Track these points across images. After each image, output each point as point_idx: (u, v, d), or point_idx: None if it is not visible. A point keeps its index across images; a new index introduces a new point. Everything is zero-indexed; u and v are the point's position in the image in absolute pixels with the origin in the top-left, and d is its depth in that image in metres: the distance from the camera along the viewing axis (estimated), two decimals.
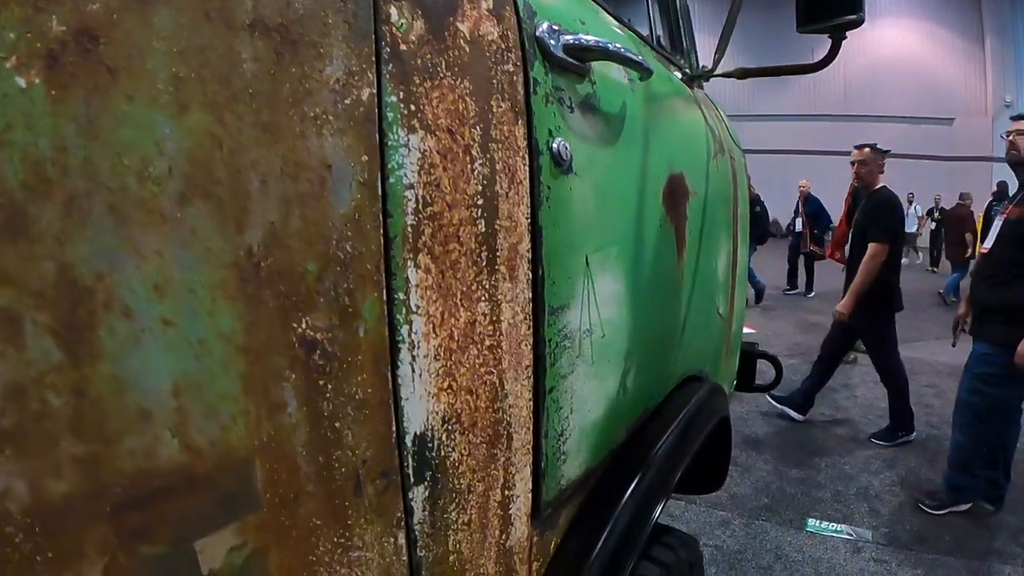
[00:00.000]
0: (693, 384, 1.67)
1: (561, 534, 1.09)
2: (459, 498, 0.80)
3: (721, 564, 3.43)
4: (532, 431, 0.93)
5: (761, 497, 4.17)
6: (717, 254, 1.82)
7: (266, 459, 0.55)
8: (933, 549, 3.57)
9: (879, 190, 4.97)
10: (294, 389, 0.57)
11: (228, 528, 0.53)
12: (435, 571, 0.78)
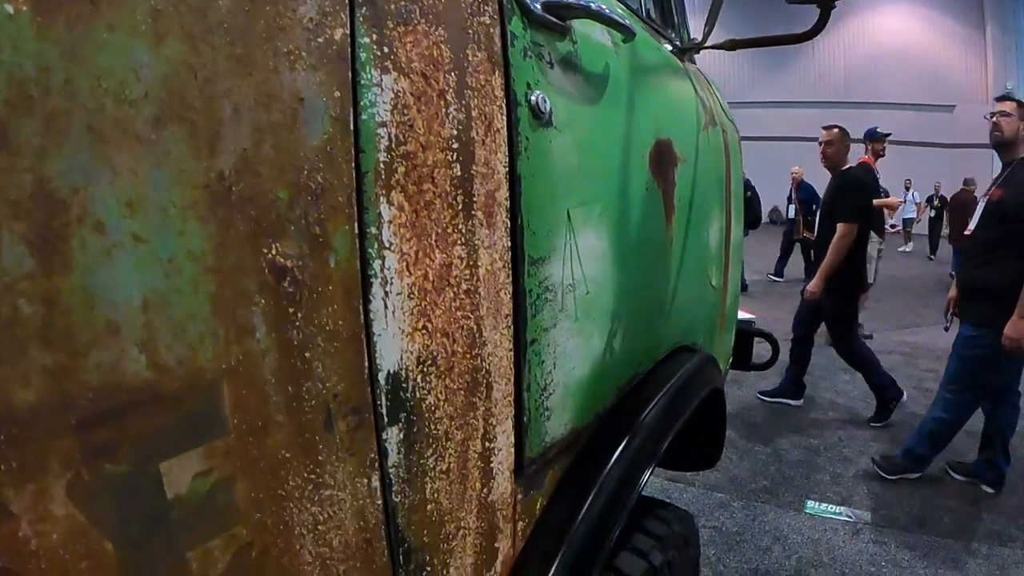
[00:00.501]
0: (685, 354, 1.66)
1: (547, 495, 1.09)
2: (436, 444, 0.79)
3: (720, 545, 3.42)
4: (513, 383, 0.93)
5: (760, 479, 4.16)
6: (709, 225, 1.81)
7: (233, 383, 0.55)
8: (932, 531, 3.56)
9: (846, 170, 4.99)
10: (263, 314, 0.57)
11: (194, 452, 0.53)
12: (412, 519, 0.77)
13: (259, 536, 0.59)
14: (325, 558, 0.66)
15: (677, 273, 1.53)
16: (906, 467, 4.14)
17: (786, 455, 4.51)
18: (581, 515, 1.08)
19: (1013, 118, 3.64)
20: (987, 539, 3.48)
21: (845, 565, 3.26)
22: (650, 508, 1.63)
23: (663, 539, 1.48)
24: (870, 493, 3.98)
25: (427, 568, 0.82)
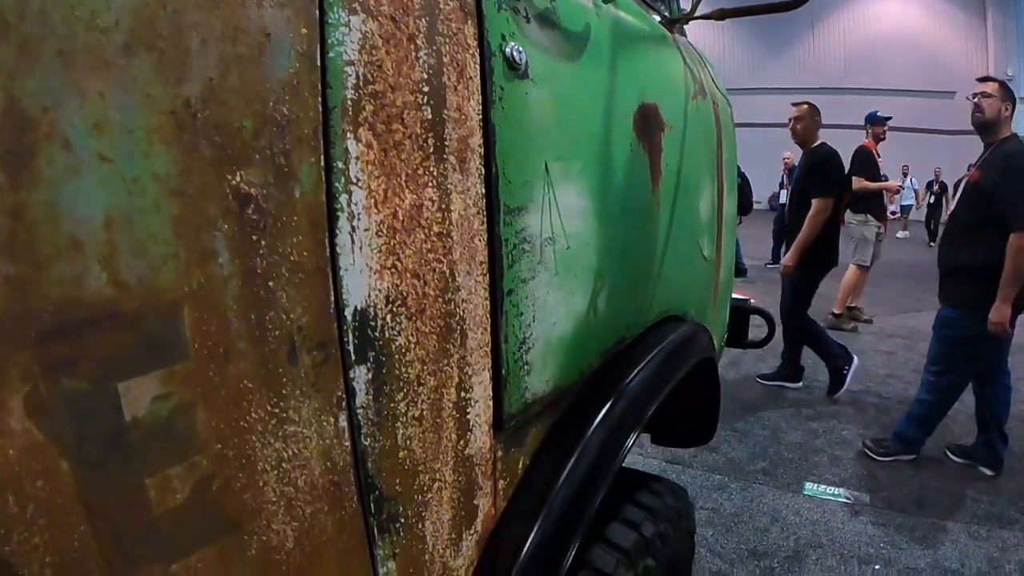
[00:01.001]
0: (675, 322, 1.66)
1: (529, 455, 1.09)
2: (408, 388, 0.79)
3: (718, 526, 3.40)
4: (490, 332, 0.93)
5: (758, 461, 4.14)
6: (699, 194, 1.81)
7: (195, 306, 0.55)
8: (932, 513, 3.54)
9: (818, 147, 4.98)
10: (225, 239, 0.57)
11: (153, 375, 0.53)
12: (383, 465, 0.77)
13: (220, 468, 0.58)
14: (291, 498, 0.66)
15: (665, 239, 1.53)
16: (897, 450, 4.13)
17: (785, 437, 4.49)
18: (563, 477, 1.08)
19: (995, 99, 3.63)
20: (987, 521, 3.46)
21: (843, 546, 3.24)
22: (642, 481, 1.63)
23: (655, 511, 1.48)
24: (869, 475, 3.96)
25: (400, 519, 0.81)
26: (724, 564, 3.10)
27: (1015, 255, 3.41)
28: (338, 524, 0.72)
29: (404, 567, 0.84)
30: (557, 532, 1.05)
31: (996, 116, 3.63)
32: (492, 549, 1.01)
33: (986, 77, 3.75)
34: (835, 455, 4.22)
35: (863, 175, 6.74)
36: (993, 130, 3.67)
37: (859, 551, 3.21)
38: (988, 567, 3.07)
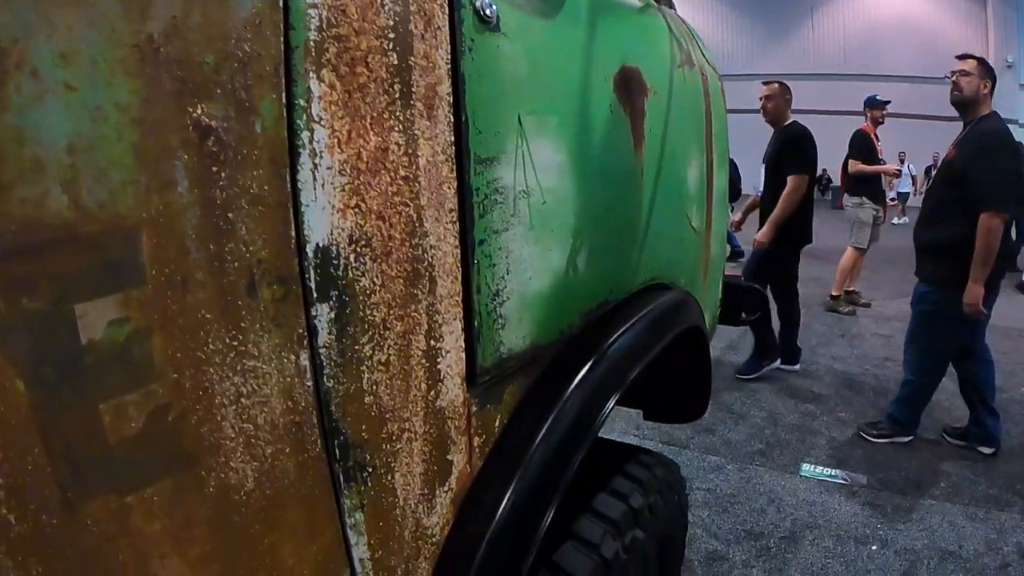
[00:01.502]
0: (663, 290, 1.64)
1: (507, 413, 1.08)
2: (373, 331, 0.79)
3: (714, 507, 3.39)
4: (461, 282, 0.93)
5: (755, 443, 4.13)
6: (686, 163, 1.80)
7: (153, 233, 0.56)
8: (929, 495, 3.53)
9: (789, 125, 5.01)
10: (186, 169, 0.58)
11: (110, 298, 0.53)
12: (348, 410, 0.77)
13: (176, 398, 0.58)
14: (250, 435, 0.65)
15: (650, 204, 1.52)
16: (892, 432, 4.12)
17: (782, 419, 4.48)
18: (540, 437, 1.07)
19: (974, 77, 3.60)
20: (984, 503, 3.45)
21: (840, 527, 3.23)
22: (631, 453, 1.62)
23: (644, 482, 1.47)
24: (866, 456, 3.95)
25: (368, 468, 0.81)
26: (720, 544, 3.08)
27: (985, 235, 3.41)
28: (301, 467, 0.72)
29: (373, 519, 0.83)
30: (534, 494, 1.05)
31: (975, 94, 3.60)
32: (468, 509, 1.00)
33: (965, 55, 3.72)
34: (832, 437, 4.21)
35: (859, 158, 6.76)
36: (972, 108, 3.64)
37: (855, 532, 3.19)
38: (986, 548, 3.06)
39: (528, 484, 1.04)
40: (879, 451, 4.02)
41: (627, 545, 1.35)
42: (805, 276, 9.14)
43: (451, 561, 0.98)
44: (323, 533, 0.76)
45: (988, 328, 6.58)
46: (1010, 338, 6.41)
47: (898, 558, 3.00)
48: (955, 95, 3.66)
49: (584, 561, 1.25)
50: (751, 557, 3.00)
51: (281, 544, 0.71)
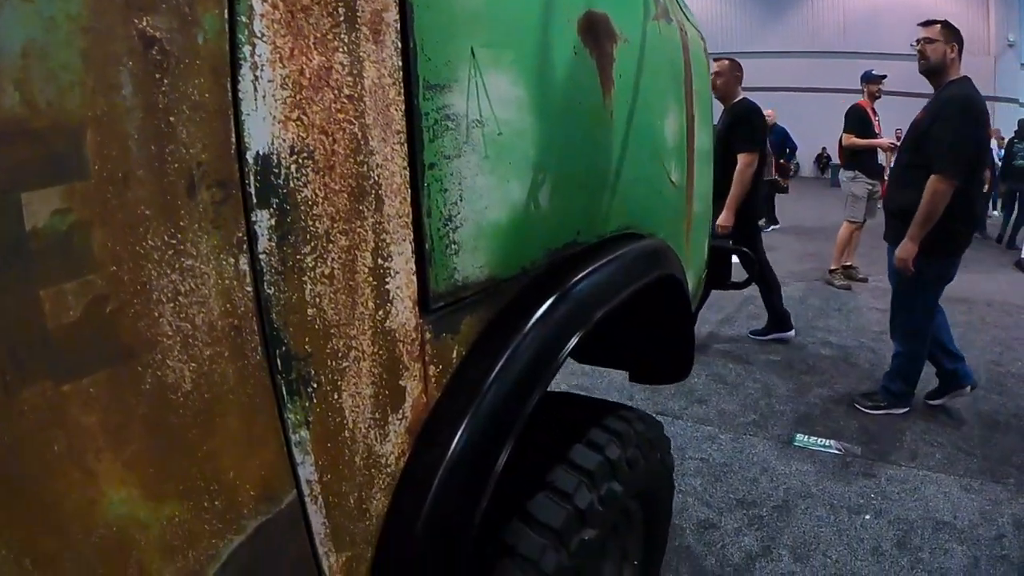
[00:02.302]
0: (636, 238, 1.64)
1: (465, 345, 1.08)
2: (316, 242, 0.80)
3: (707, 476, 3.35)
4: (411, 204, 0.94)
5: (749, 413, 4.09)
6: (662, 115, 1.80)
7: (97, 131, 0.58)
8: (924, 466, 3.49)
9: (739, 101, 4.99)
10: (130, 75, 0.61)
11: (55, 189, 0.56)
12: (290, 319, 0.77)
13: (114, 290, 0.60)
14: (187, 335, 0.66)
15: (621, 150, 1.53)
16: (887, 403, 4.09)
17: (776, 390, 4.44)
18: (498, 370, 1.07)
19: (939, 43, 3.54)
20: (980, 475, 3.41)
21: (833, 496, 3.19)
22: (611, 408, 1.63)
23: (622, 435, 1.48)
24: (860, 428, 3.91)
25: (313, 383, 0.81)
26: (712, 513, 3.04)
27: (930, 197, 3.42)
28: (240, 374, 0.72)
29: (320, 439, 0.83)
30: (491, 429, 1.05)
31: (942, 60, 3.54)
32: (425, 441, 1.00)
33: (928, 20, 3.64)
34: (827, 408, 4.16)
35: (852, 132, 6.81)
36: (941, 74, 3.58)
37: (849, 501, 3.15)
38: (980, 519, 3.03)
39: (485, 419, 1.04)
40: (874, 422, 3.97)
41: (603, 496, 1.34)
42: (802, 252, 9.22)
43: (408, 494, 0.98)
44: (265, 447, 0.76)
45: (987, 304, 6.63)
46: (1009, 315, 6.41)
47: (892, 528, 2.96)
48: (922, 64, 3.61)
49: (557, 511, 1.26)
50: (743, 525, 2.96)
51: (221, 453, 0.71)
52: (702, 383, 4.51)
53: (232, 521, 0.73)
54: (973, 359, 5.01)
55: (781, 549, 2.80)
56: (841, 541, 2.86)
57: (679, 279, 1.77)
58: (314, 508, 0.84)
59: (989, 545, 2.85)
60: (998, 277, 8.31)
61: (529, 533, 1.23)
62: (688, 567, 2.67)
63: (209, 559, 0.71)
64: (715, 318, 5.99)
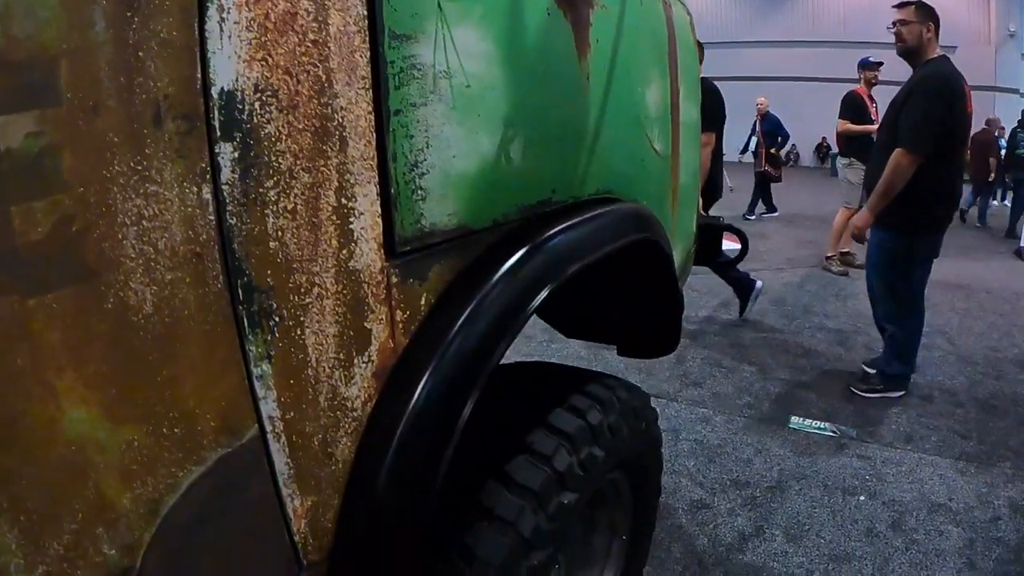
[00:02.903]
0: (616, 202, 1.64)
1: (434, 293, 1.09)
2: (279, 177, 0.81)
3: (700, 457, 3.33)
4: (376, 147, 0.95)
5: (744, 396, 4.06)
6: (643, 84, 1.80)
7: (70, 63, 0.62)
8: (919, 448, 3.47)
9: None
10: (103, 12, 0.64)
11: (29, 113, 0.59)
12: (251, 251, 0.79)
13: (81, 211, 0.63)
14: (150, 258, 0.69)
15: (599, 114, 1.53)
16: (884, 387, 4.06)
17: (772, 373, 4.41)
18: (464, 318, 1.08)
19: (914, 24, 3.56)
20: (975, 458, 3.39)
21: (828, 478, 3.16)
22: (595, 377, 1.64)
23: (603, 401, 1.48)
24: (856, 410, 3.88)
25: (275, 317, 0.83)
26: (705, 493, 3.02)
27: (891, 170, 3.48)
28: (201, 301, 0.74)
29: (283, 374, 0.84)
30: (456, 378, 1.05)
31: (918, 41, 3.56)
32: (392, 387, 1.01)
33: (902, 2, 3.63)
34: (822, 391, 4.14)
35: (847, 118, 6.84)
36: (918, 55, 3.60)
37: (843, 483, 3.13)
38: (976, 502, 3.00)
39: (451, 367, 1.05)
40: (869, 406, 3.94)
41: (583, 461, 1.34)
42: (801, 239, 9.19)
43: (375, 441, 0.98)
44: (226, 378, 0.78)
45: (986, 291, 6.62)
46: (1007, 301, 6.40)
47: (886, 509, 2.93)
48: (899, 46, 3.63)
49: (536, 473, 1.26)
50: (736, 506, 2.93)
51: (181, 379, 0.73)
52: (697, 366, 4.48)
53: (192, 451, 0.75)
54: (971, 345, 5.02)
55: (774, 529, 2.78)
56: (835, 522, 2.83)
57: (662, 246, 1.75)
58: (277, 446, 0.85)
59: (985, 528, 2.82)
60: (997, 265, 8.30)
61: (506, 495, 1.23)
62: (680, 547, 2.65)
63: (168, 488, 0.73)
64: (712, 303, 5.97)
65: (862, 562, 2.59)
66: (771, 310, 5.82)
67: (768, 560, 2.59)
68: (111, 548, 0.69)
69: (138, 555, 0.71)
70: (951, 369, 4.52)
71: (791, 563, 2.57)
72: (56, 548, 0.64)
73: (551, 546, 1.27)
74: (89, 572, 0.67)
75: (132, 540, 0.71)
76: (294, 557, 0.91)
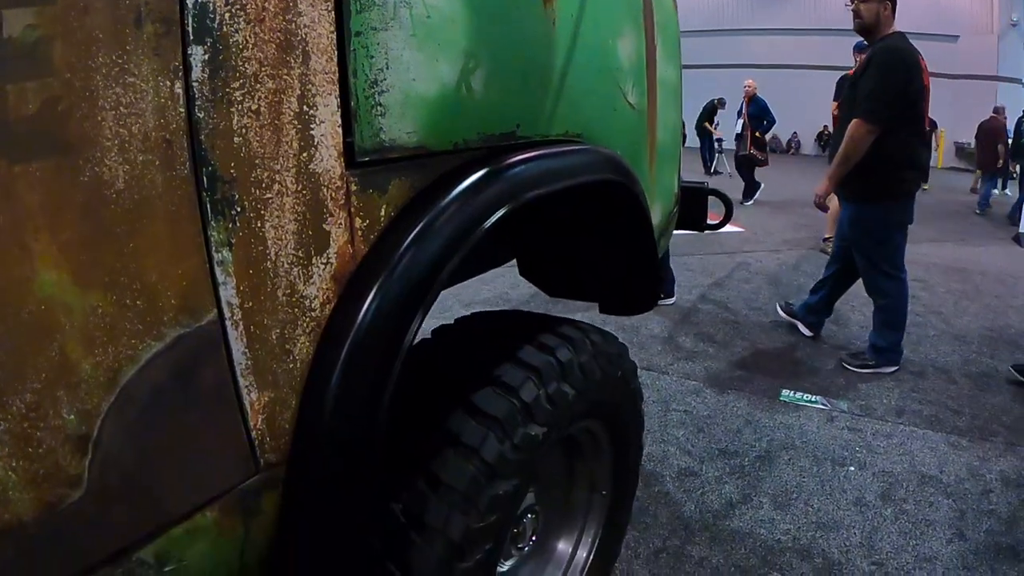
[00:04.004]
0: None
1: (394, 205, 1.13)
2: (244, 80, 0.88)
3: (690, 427, 3.31)
4: (337, 64, 1.00)
5: (736, 370, 4.05)
6: (614, 35, 1.81)
7: None
8: (911, 423, 3.45)
9: None
10: None
11: (29, 9, 0.67)
12: (216, 143, 0.85)
13: (67, 94, 0.71)
14: (124, 140, 0.75)
15: (565, 59, 1.55)
16: (875, 362, 4.07)
17: (764, 349, 4.40)
18: (419, 229, 1.11)
19: (872, 3, 3.66)
20: (968, 432, 3.38)
21: (817, 449, 3.15)
22: (568, 321, 1.65)
23: (574, 341, 1.51)
24: (848, 385, 3.87)
25: (237, 207, 0.88)
26: (693, 461, 3.00)
27: (848, 139, 3.63)
28: (169, 183, 0.80)
29: (242, 262, 0.89)
30: (409, 286, 1.09)
31: (875, 18, 3.69)
32: (350, 293, 1.05)
33: None
34: (815, 367, 4.12)
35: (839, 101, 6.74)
36: (875, 32, 3.73)
37: (833, 454, 3.11)
38: (968, 475, 2.99)
39: (406, 275, 1.08)
40: (862, 381, 3.93)
41: (551, 396, 1.36)
42: (798, 223, 9.16)
43: (332, 344, 1.02)
44: (188, 259, 0.83)
45: (981, 274, 6.61)
46: (1003, 283, 6.40)
47: (876, 480, 2.91)
48: (857, 22, 3.76)
49: (501, 402, 1.29)
50: (724, 474, 2.91)
51: (146, 253, 0.78)
52: (690, 342, 4.46)
53: (152, 325, 0.80)
54: (965, 324, 5.00)
55: (762, 497, 2.76)
56: (823, 491, 2.82)
57: (635, 194, 1.77)
58: (235, 334, 0.90)
59: (976, 500, 2.81)
60: (995, 250, 8.29)
61: (472, 422, 1.26)
62: (666, 512, 2.63)
63: (128, 360, 0.78)
64: (706, 282, 5.97)
65: (850, 530, 2.57)
66: (766, 289, 5.82)
67: (755, 526, 2.57)
68: (70, 412, 0.73)
69: (95, 423, 0.76)
70: (945, 347, 4.50)
71: (778, 529, 2.56)
72: (19, 406, 0.69)
73: (517, 477, 1.29)
74: (48, 435, 0.72)
75: (91, 407, 0.75)
76: (251, 455, 0.95)
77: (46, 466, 0.72)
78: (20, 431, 0.70)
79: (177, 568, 0.87)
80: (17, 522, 0.70)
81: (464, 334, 1.70)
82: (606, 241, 1.91)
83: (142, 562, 0.83)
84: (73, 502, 0.75)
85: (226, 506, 0.93)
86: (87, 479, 0.76)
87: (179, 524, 0.87)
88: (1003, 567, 2.39)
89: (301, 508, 1.02)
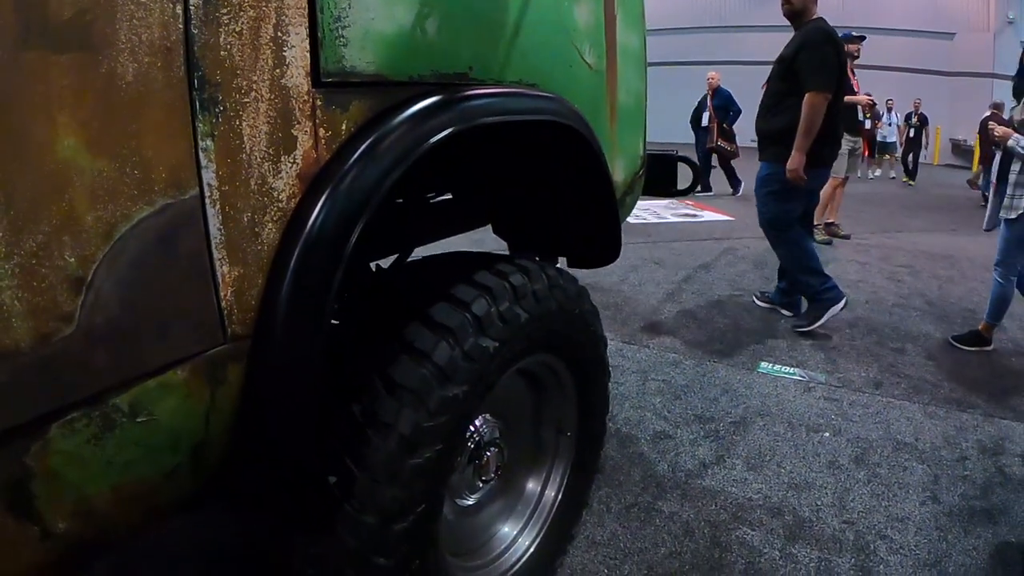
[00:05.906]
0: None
1: (354, 121, 1.27)
2: (231, 9, 1.03)
3: (667, 395, 3.34)
4: (307, 2, 1.15)
5: (715, 343, 4.08)
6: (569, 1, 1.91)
7: None
8: (888, 394, 3.48)
9: None
10: None
11: None
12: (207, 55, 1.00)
13: (92, 7, 0.86)
14: (135, 45, 0.91)
15: (519, 11, 1.66)
16: (815, 312, 4.31)
17: (745, 325, 4.43)
18: (372, 140, 1.25)
19: None
20: (946, 404, 3.40)
21: (793, 416, 3.18)
22: (528, 257, 1.74)
23: (528, 270, 1.60)
24: (827, 359, 3.90)
25: (220, 106, 1.03)
26: (669, 426, 3.02)
27: (808, 111, 3.93)
28: (167, 80, 0.96)
29: (222, 152, 1.04)
30: (362, 185, 1.22)
31: (803, 4, 4.11)
32: (313, 191, 1.18)
33: None
34: (794, 342, 4.15)
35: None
36: (801, 17, 4.14)
37: (808, 421, 3.14)
38: (944, 443, 3.01)
39: (360, 179, 1.22)
40: (841, 355, 3.96)
41: (503, 314, 1.47)
42: None
43: (294, 231, 1.16)
44: (178, 143, 0.98)
45: (968, 260, 6.61)
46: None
47: (850, 445, 2.94)
48: (786, 8, 4.16)
49: (453, 313, 1.41)
50: (698, 438, 2.94)
51: (145, 134, 0.93)
52: (672, 318, 4.50)
53: (145, 192, 0.94)
54: (949, 306, 5.03)
55: (735, 459, 2.78)
56: (797, 455, 2.84)
57: (589, 142, 1.84)
58: (212, 211, 1.04)
59: (951, 466, 2.83)
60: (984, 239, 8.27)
61: (425, 331, 1.38)
62: (639, 471, 2.65)
63: (122, 217, 0.91)
64: (692, 264, 6.01)
65: (822, 491, 2.60)
66: (750, 272, 5.86)
67: (727, 485, 2.59)
68: (72, 256, 0.87)
69: (91, 269, 0.89)
70: (927, 326, 4.53)
71: (749, 489, 2.58)
72: (31, 245, 0.82)
73: (467, 384, 1.38)
74: (52, 272, 0.85)
75: (88, 253, 0.88)
76: (220, 324, 1.08)
77: (46, 300, 0.85)
78: (29, 266, 0.83)
79: (147, 422, 1.00)
80: (15, 347, 0.82)
81: (430, 265, 1.78)
82: (568, 195, 1.99)
83: (118, 408, 0.95)
84: (64, 336, 0.87)
85: (196, 369, 1.05)
86: (78, 317, 0.88)
87: (153, 376, 0.99)
88: (977, 529, 2.41)
89: (263, 382, 1.15)
